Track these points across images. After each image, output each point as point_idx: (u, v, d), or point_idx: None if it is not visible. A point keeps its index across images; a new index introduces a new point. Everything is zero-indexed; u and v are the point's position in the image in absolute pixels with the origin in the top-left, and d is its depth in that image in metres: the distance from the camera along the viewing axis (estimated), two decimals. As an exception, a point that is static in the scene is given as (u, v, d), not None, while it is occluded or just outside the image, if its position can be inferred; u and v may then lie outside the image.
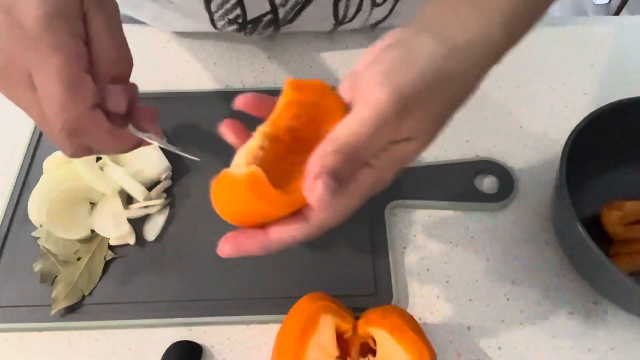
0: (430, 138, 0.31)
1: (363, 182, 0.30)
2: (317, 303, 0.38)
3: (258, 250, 0.30)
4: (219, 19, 0.56)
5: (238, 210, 0.30)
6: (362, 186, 0.30)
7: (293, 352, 0.36)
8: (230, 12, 0.55)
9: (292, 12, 0.56)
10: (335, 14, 0.57)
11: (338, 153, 0.28)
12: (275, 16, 0.56)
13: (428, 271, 0.46)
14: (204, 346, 0.42)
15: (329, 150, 0.28)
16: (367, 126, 0.28)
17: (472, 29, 0.30)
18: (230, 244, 0.30)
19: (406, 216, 0.49)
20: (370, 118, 0.28)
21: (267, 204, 0.28)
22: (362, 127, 0.28)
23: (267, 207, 0.28)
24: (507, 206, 0.49)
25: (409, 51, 0.29)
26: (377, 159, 0.30)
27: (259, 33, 0.59)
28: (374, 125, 0.28)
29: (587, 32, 0.63)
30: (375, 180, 0.30)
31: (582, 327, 0.43)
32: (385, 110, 0.28)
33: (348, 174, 0.29)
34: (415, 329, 0.37)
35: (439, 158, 0.52)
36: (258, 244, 0.30)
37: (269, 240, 0.30)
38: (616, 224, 0.45)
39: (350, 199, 0.30)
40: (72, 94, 0.30)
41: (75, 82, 0.30)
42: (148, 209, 0.48)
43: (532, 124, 0.55)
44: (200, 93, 0.56)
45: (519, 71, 0.59)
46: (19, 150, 0.52)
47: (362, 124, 0.28)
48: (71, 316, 0.43)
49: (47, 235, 0.46)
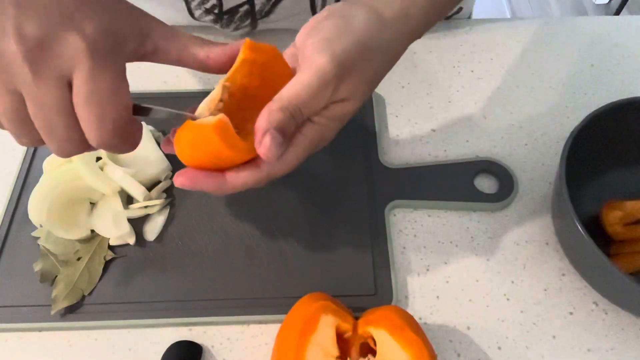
0: (364, 98, 0.36)
1: (307, 136, 0.34)
2: (317, 303, 0.38)
3: (213, 188, 0.34)
4: (196, 7, 0.57)
5: (200, 155, 0.33)
6: (307, 140, 0.34)
7: (293, 352, 0.36)
8: (206, 1, 0.55)
9: (269, 3, 0.56)
10: (312, 8, 0.57)
11: (284, 111, 0.32)
12: (251, 7, 0.56)
13: (428, 271, 0.46)
14: (204, 346, 0.42)
15: (276, 108, 0.32)
16: (310, 88, 0.32)
17: (396, 6, 0.36)
18: (187, 176, 0.33)
19: (406, 216, 0.49)
20: (312, 81, 0.32)
21: (230, 149, 0.32)
22: (305, 88, 0.32)
23: (230, 151, 0.32)
24: (507, 206, 0.49)
25: (345, 21, 0.34)
26: (319, 116, 0.34)
27: (237, 26, 0.59)
28: (315, 87, 0.32)
29: (587, 32, 0.63)
30: (318, 135, 0.35)
31: (582, 327, 0.43)
32: (326, 74, 0.32)
33: (292, 129, 0.33)
34: (415, 329, 0.37)
35: (439, 158, 0.52)
36: (214, 184, 0.34)
37: (225, 182, 0.34)
38: (616, 224, 0.45)
39: (297, 151, 0.34)
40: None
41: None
42: (148, 209, 0.48)
43: (532, 124, 0.55)
44: (200, 93, 0.56)
45: (519, 71, 0.59)
46: (19, 150, 0.52)
47: (305, 85, 0.32)
48: (71, 316, 0.43)
49: (47, 235, 0.46)
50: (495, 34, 0.63)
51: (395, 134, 0.55)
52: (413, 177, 0.50)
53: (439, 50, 0.62)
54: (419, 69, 0.60)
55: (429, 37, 0.63)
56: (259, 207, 0.48)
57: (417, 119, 0.55)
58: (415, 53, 0.62)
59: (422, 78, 0.59)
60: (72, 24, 0.29)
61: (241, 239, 0.47)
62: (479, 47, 0.62)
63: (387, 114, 0.56)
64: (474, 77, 0.59)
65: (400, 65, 0.61)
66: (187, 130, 0.32)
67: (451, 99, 0.57)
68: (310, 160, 0.37)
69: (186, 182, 0.33)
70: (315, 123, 0.35)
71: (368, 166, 0.51)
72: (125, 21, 0.32)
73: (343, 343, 0.38)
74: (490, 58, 0.61)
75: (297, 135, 0.34)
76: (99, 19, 0.30)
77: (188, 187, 0.34)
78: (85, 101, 0.29)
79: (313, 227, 0.47)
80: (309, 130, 0.35)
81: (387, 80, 0.60)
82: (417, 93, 0.58)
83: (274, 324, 0.42)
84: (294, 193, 0.49)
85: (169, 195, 0.49)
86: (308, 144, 0.35)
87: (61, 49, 0.29)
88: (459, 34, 0.63)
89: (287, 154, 0.34)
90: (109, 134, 0.30)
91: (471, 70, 0.60)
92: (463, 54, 0.61)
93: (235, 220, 0.48)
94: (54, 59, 0.29)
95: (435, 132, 0.55)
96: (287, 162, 0.35)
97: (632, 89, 0.57)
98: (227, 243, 0.46)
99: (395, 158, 0.53)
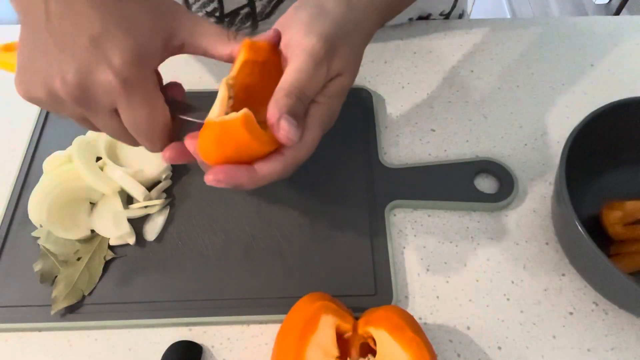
0: (355, 70, 0.39)
1: (317, 116, 0.37)
2: (317, 303, 0.38)
3: (247, 179, 0.35)
4: (197, 10, 0.57)
5: (227, 150, 0.34)
6: (317, 120, 0.37)
7: (293, 352, 0.36)
8: (207, 4, 0.56)
9: (269, 5, 0.57)
10: None
11: (290, 96, 0.34)
12: (252, 9, 0.57)
13: (428, 271, 0.46)
14: (204, 346, 0.42)
15: (282, 96, 0.34)
16: (307, 70, 0.35)
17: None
18: (221, 170, 0.34)
19: (406, 216, 0.49)
20: (307, 63, 0.35)
21: (256, 141, 0.33)
22: (303, 72, 0.35)
23: (256, 143, 0.33)
24: (507, 206, 0.49)
25: (319, 8, 0.37)
26: (322, 95, 0.37)
27: (238, 28, 0.59)
28: (311, 67, 0.35)
29: (587, 32, 0.63)
30: (326, 113, 0.38)
31: (582, 327, 0.43)
32: (316, 53, 0.35)
33: (302, 111, 0.35)
34: (415, 329, 0.37)
35: (439, 158, 0.53)
36: (247, 175, 0.35)
37: (256, 173, 0.35)
38: (616, 224, 0.45)
39: (312, 132, 0.36)
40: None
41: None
42: (148, 209, 0.48)
43: (532, 124, 0.55)
44: (200, 93, 0.56)
45: (519, 71, 0.59)
46: (19, 150, 0.52)
47: (302, 69, 0.35)
48: (71, 316, 0.43)
49: (47, 235, 0.46)
50: (495, 34, 0.63)
51: (395, 134, 0.55)
52: (413, 177, 0.50)
53: (439, 50, 0.62)
54: (419, 69, 0.60)
55: (430, 37, 0.63)
56: (259, 207, 0.48)
57: (417, 119, 0.55)
58: (415, 53, 0.62)
59: (422, 78, 0.59)
60: (101, 56, 0.32)
61: (241, 239, 0.47)
62: (479, 47, 0.62)
63: (387, 114, 0.56)
64: (474, 77, 0.59)
65: (400, 65, 0.61)
66: (211, 130, 0.33)
67: (451, 99, 0.57)
68: (310, 161, 0.37)
69: (221, 177, 0.34)
70: (321, 103, 0.37)
71: (368, 166, 0.51)
72: (150, 32, 0.34)
73: (343, 343, 0.38)
74: (490, 58, 0.61)
75: (308, 118, 0.36)
76: (125, 42, 0.33)
77: (224, 181, 0.34)
78: (132, 129, 0.35)
79: (313, 227, 0.47)
80: (317, 110, 0.37)
81: (387, 80, 0.60)
82: (417, 93, 0.58)
83: (274, 324, 0.42)
84: (294, 193, 0.49)
85: (169, 195, 0.49)
86: (320, 124, 0.37)
87: (97, 90, 0.33)
88: (458, 34, 0.63)
89: (304, 136, 0.36)
90: (161, 143, 0.37)
91: (471, 70, 0.60)
92: (463, 54, 0.61)
93: (235, 220, 0.48)
94: (95, 97, 0.33)
95: (435, 132, 0.55)
96: (307, 145, 0.36)
97: (632, 89, 0.57)
98: (227, 243, 0.47)
99: (395, 158, 0.53)
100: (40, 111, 0.54)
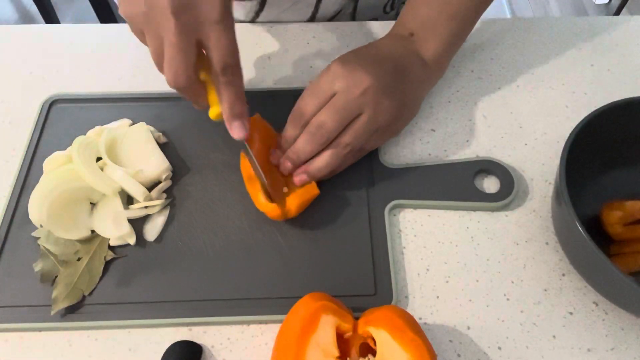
0: (378, 110, 0.46)
1: (340, 155, 0.46)
2: (317, 303, 0.38)
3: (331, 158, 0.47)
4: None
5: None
6: (341, 153, 0.47)
7: (293, 352, 0.36)
8: None
9: None
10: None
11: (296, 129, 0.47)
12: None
13: (428, 271, 0.46)
14: (204, 346, 0.42)
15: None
16: (303, 96, 0.46)
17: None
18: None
19: (406, 216, 0.49)
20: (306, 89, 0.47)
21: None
22: (300, 99, 0.46)
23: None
24: (507, 206, 0.49)
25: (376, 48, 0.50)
26: (345, 135, 0.46)
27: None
28: (308, 91, 0.46)
29: (587, 32, 0.63)
30: (353, 152, 0.47)
31: (582, 327, 0.43)
32: (316, 78, 0.44)
33: (322, 143, 0.46)
34: (415, 329, 0.37)
35: (439, 158, 0.53)
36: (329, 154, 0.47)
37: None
38: (616, 224, 0.45)
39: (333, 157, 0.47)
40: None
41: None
42: (148, 209, 0.48)
43: (532, 124, 0.55)
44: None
45: (519, 71, 0.59)
46: (19, 150, 0.52)
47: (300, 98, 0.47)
48: (71, 316, 0.43)
49: (47, 235, 0.46)
50: (495, 34, 0.63)
51: (395, 134, 0.55)
52: (413, 177, 0.50)
53: (439, 50, 0.62)
54: (419, 69, 0.60)
55: (429, 37, 0.63)
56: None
57: (417, 119, 0.55)
58: (415, 53, 0.61)
59: (422, 78, 0.59)
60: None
61: (241, 238, 0.47)
62: (479, 47, 0.62)
63: (387, 114, 0.56)
64: (474, 77, 0.59)
65: (400, 65, 0.61)
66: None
67: (451, 99, 0.57)
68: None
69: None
70: (339, 146, 0.47)
71: (368, 166, 0.51)
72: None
73: (343, 343, 0.38)
74: (490, 58, 0.61)
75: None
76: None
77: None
78: (218, 56, 0.39)
79: (313, 227, 0.47)
80: (339, 149, 0.47)
81: (387, 80, 0.60)
82: (417, 93, 0.58)
83: (274, 324, 0.42)
84: (294, 193, 0.49)
85: (169, 195, 0.49)
86: (341, 159, 0.48)
87: (199, 12, 0.37)
88: (459, 34, 0.63)
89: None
90: (234, 57, 0.40)
91: (471, 70, 0.60)
92: (463, 54, 0.61)
93: (235, 220, 0.48)
94: (193, 18, 0.37)
95: (435, 132, 0.55)
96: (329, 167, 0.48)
97: (632, 89, 0.57)
98: (227, 243, 0.47)
99: (395, 158, 0.53)
100: (40, 111, 0.54)
